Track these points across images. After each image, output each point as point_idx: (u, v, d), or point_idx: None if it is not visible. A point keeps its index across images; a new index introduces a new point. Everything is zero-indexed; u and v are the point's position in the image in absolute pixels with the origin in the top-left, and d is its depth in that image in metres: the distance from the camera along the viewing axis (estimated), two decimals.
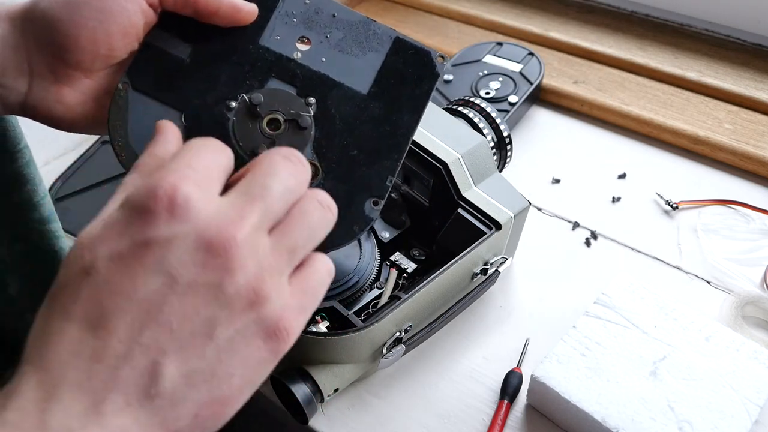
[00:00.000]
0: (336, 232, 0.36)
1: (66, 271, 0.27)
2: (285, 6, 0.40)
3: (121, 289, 0.26)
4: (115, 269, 0.26)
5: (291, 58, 0.40)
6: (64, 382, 0.25)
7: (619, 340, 0.52)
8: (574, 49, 0.89)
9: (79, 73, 0.38)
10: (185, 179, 0.27)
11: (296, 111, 0.39)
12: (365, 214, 0.38)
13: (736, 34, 0.88)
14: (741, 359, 0.50)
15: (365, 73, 0.40)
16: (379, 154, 0.39)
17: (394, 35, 0.41)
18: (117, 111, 0.38)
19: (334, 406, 0.53)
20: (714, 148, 0.75)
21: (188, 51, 0.39)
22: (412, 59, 0.41)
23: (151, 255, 0.26)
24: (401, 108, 0.40)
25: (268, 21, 0.40)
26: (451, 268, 0.52)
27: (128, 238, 0.27)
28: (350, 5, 1.02)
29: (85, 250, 0.27)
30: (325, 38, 0.40)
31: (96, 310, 0.26)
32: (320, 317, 0.50)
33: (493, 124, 0.64)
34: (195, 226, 0.27)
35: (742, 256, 0.64)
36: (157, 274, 0.26)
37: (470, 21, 0.96)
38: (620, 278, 0.56)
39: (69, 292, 0.27)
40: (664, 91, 0.82)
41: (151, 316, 0.26)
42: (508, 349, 0.57)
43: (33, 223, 0.51)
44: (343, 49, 0.40)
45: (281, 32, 0.40)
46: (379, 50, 0.41)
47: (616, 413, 0.47)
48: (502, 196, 0.57)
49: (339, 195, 0.38)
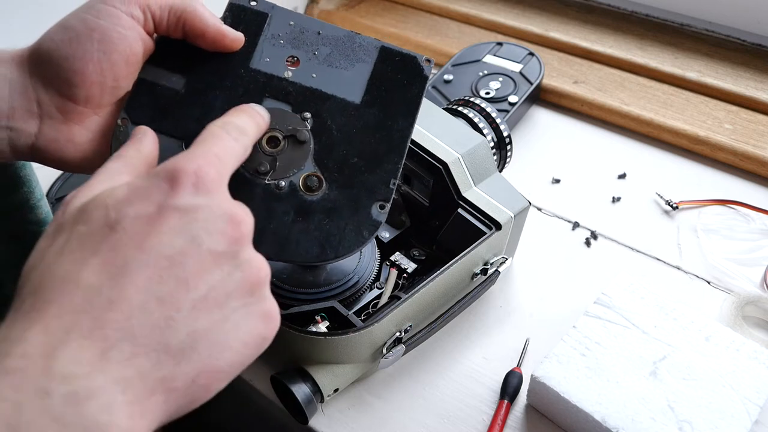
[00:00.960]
0: (346, 238, 0.38)
1: (86, 227, 0.28)
2: (271, 29, 0.42)
3: (146, 245, 0.27)
4: (141, 227, 0.28)
5: (282, 77, 0.41)
6: (75, 328, 0.26)
7: (619, 340, 0.52)
8: (574, 49, 0.89)
9: (88, 109, 0.38)
10: (210, 164, 0.30)
11: (293, 127, 0.40)
12: (373, 218, 0.39)
13: (736, 34, 0.88)
14: (741, 359, 0.50)
15: (356, 83, 0.41)
16: (379, 159, 0.40)
17: (379, 45, 0.42)
18: (118, 145, 0.39)
19: (334, 406, 0.53)
20: (714, 148, 0.75)
21: (182, 83, 0.40)
22: (399, 65, 0.42)
23: (177, 218, 0.28)
24: (395, 113, 0.41)
25: (256, 45, 0.41)
26: (451, 268, 0.52)
27: (156, 203, 0.28)
28: (350, 6, 1.02)
29: (110, 209, 0.28)
30: (313, 55, 0.42)
31: (118, 260, 0.27)
32: (320, 317, 0.50)
33: (493, 124, 0.64)
34: (218, 200, 0.30)
35: (742, 256, 0.64)
36: (181, 235, 0.28)
37: (470, 21, 0.96)
38: (620, 278, 0.56)
39: (89, 244, 0.27)
40: (664, 91, 0.82)
41: (171, 272, 0.28)
42: (508, 349, 0.57)
43: (29, 224, 0.51)
44: (332, 63, 0.42)
45: (270, 54, 0.41)
46: (367, 61, 0.42)
47: (616, 413, 0.47)
48: (502, 196, 0.57)
49: (345, 202, 0.39)
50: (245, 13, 0.42)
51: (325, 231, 0.38)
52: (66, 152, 0.39)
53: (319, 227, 0.38)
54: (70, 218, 0.29)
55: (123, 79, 0.39)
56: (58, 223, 0.30)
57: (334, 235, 0.38)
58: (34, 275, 0.28)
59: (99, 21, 0.37)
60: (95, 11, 0.37)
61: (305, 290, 0.53)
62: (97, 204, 0.29)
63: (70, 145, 0.38)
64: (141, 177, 0.30)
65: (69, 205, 0.30)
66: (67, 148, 0.38)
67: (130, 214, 0.28)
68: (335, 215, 0.39)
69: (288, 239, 0.38)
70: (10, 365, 0.24)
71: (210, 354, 0.28)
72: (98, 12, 0.37)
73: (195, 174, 0.29)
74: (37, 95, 0.37)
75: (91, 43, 0.37)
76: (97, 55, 0.37)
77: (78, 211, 0.29)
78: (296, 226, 0.38)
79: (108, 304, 0.26)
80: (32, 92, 0.37)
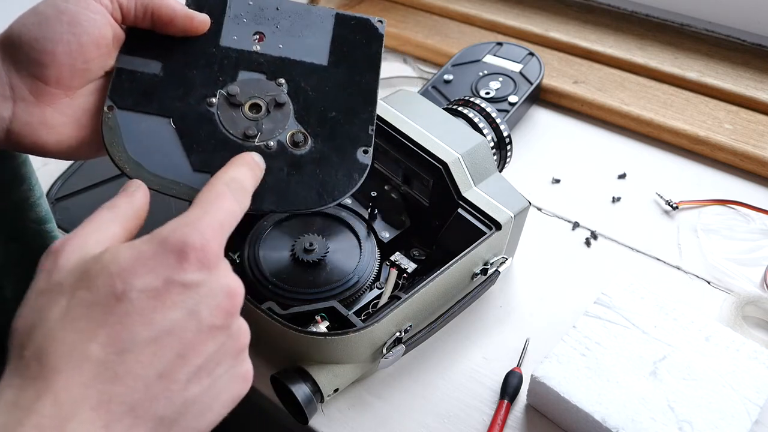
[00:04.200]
0: (340, 182, 0.42)
1: (90, 294, 0.29)
2: (233, 10, 0.45)
3: (152, 320, 0.28)
4: (147, 301, 0.29)
5: (252, 50, 0.44)
6: (83, 401, 0.27)
7: (619, 340, 0.52)
8: (574, 49, 0.89)
9: (60, 90, 0.39)
10: (214, 238, 0.31)
11: (272, 92, 0.43)
12: (360, 161, 0.42)
13: (736, 34, 0.88)
14: (741, 359, 0.50)
15: (320, 48, 0.45)
16: (354, 110, 0.44)
17: (333, 12, 0.47)
18: (109, 131, 0.41)
19: (334, 406, 0.53)
20: (714, 148, 0.75)
21: (159, 67, 0.43)
22: (356, 28, 0.46)
23: (180, 293, 0.29)
24: (360, 69, 0.45)
25: (222, 25, 0.45)
26: (451, 268, 0.52)
27: (162, 277, 0.29)
28: (350, 6, 1.02)
29: (116, 278, 0.29)
30: (276, 28, 0.45)
31: (125, 335, 0.28)
32: (320, 317, 0.50)
33: (493, 124, 0.64)
34: (218, 275, 0.31)
35: (742, 256, 0.64)
36: (182, 310, 0.29)
37: (470, 21, 0.96)
38: (620, 278, 0.56)
39: (96, 315, 0.28)
40: (664, 91, 0.82)
41: (171, 346, 0.29)
42: (508, 349, 0.57)
43: (29, 223, 0.51)
44: (295, 33, 0.46)
45: (236, 32, 0.45)
46: (326, 27, 0.46)
47: (616, 413, 0.47)
48: (502, 196, 0.57)
49: (331, 152, 0.42)
50: None
51: (318, 179, 0.41)
52: (40, 135, 0.39)
53: (312, 176, 0.42)
54: (70, 279, 0.29)
55: (93, 62, 0.40)
56: (53, 281, 0.30)
57: (328, 182, 0.42)
58: (36, 337, 0.28)
59: (68, 5, 0.39)
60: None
61: (305, 290, 0.53)
62: (101, 270, 0.29)
63: (44, 128, 0.39)
64: (146, 243, 0.30)
65: (61, 257, 0.30)
66: (40, 131, 0.39)
67: (137, 286, 0.29)
68: (325, 164, 0.42)
69: (287, 191, 0.41)
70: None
71: (195, 418, 0.30)
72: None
73: (201, 249, 0.30)
74: (10, 79, 0.38)
75: (60, 25, 0.38)
76: (66, 36, 0.38)
77: (79, 273, 0.29)
78: (292, 178, 0.41)
79: (114, 379, 0.27)
80: (5, 76, 0.38)
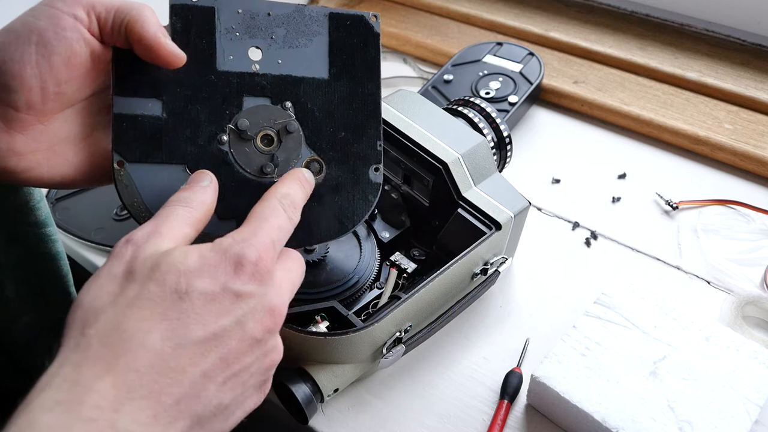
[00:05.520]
0: (357, 206, 0.42)
1: (158, 288, 0.31)
2: (222, 24, 0.41)
3: (206, 321, 0.31)
4: (204, 303, 0.31)
5: (252, 72, 0.41)
6: (137, 388, 0.28)
7: (619, 340, 0.52)
8: (574, 49, 0.89)
9: (31, 116, 0.37)
10: (267, 254, 0.34)
11: (281, 120, 0.41)
12: (372, 181, 0.43)
13: (736, 34, 0.88)
14: (741, 359, 0.50)
15: (319, 58, 0.42)
16: (361, 127, 0.43)
17: (327, 12, 0.43)
18: (125, 189, 0.39)
19: (334, 406, 0.53)
20: (714, 148, 0.75)
21: (159, 106, 0.40)
22: (351, 29, 0.43)
23: (231, 301, 0.32)
24: (361, 78, 0.43)
25: (215, 45, 0.41)
26: (451, 268, 0.52)
27: (220, 283, 0.32)
28: (350, 6, 1.02)
29: (182, 276, 0.31)
30: (272, 40, 0.42)
31: (181, 331, 0.30)
32: (320, 317, 0.50)
33: (493, 124, 0.64)
34: (267, 290, 0.33)
35: (742, 256, 0.64)
36: (231, 317, 0.32)
37: (470, 21, 0.96)
38: (620, 278, 0.56)
39: (159, 308, 0.30)
40: (664, 91, 0.82)
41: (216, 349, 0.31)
42: (508, 349, 0.57)
43: (29, 226, 0.51)
44: (291, 44, 0.42)
45: (231, 50, 0.41)
46: (322, 32, 0.42)
47: (616, 413, 0.47)
48: (502, 196, 0.56)
49: (346, 176, 0.42)
50: (191, 12, 0.40)
51: (337, 206, 0.41)
52: (8, 163, 0.37)
53: (332, 205, 0.41)
54: (144, 270, 0.31)
55: (67, 84, 0.37)
56: (129, 269, 0.32)
57: (346, 207, 0.42)
58: (103, 319, 0.30)
59: (38, 22, 0.36)
60: (36, 12, 0.36)
61: (305, 290, 0.53)
62: (170, 267, 0.31)
63: (13, 156, 0.37)
64: (210, 250, 0.32)
65: (140, 248, 0.32)
66: (9, 159, 0.37)
67: (198, 287, 0.31)
68: (341, 190, 0.42)
69: (310, 225, 0.41)
70: (86, 414, 0.27)
71: (221, 421, 0.32)
72: (38, 13, 0.36)
73: (255, 264, 0.32)
74: None
75: (28, 45, 0.35)
76: (35, 57, 0.35)
77: (151, 266, 0.31)
78: (313, 210, 0.41)
79: (166, 371, 0.29)
80: None
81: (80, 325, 0.30)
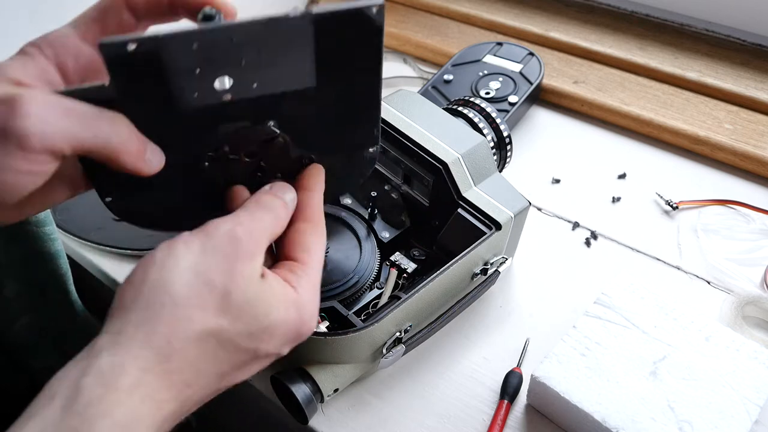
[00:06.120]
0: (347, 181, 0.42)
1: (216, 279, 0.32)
2: (175, 65, 0.32)
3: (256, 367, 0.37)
4: (267, 357, 0.36)
5: (225, 101, 0.35)
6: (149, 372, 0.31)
7: (619, 340, 0.52)
8: (574, 49, 0.89)
9: (10, 211, 0.34)
10: (312, 321, 0.37)
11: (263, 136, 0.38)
12: (367, 159, 0.42)
13: (736, 34, 0.88)
14: (741, 359, 0.50)
15: (303, 68, 0.35)
16: (357, 119, 0.40)
17: (310, 17, 0.33)
18: None
19: (334, 406, 0.53)
20: (714, 148, 0.75)
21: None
22: (345, 28, 0.35)
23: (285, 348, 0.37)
24: (358, 76, 0.37)
25: (171, 89, 0.33)
26: (451, 268, 0.52)
27: (288, 345, 0.37)
28: None
29: (271, 338, 0.35)
30: (241, 65, 0.34)
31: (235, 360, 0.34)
32: (320, 317, 0.50)
33: (493, 124, 0.64)
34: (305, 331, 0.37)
35: (742, 256, 0.64)
36: (275, 355, 0.37)
37: (470, 21, 0.96)
38: (620, 278, 0.56)
39: (211, 303, 0.32)
40: (664, 91, 0.82)
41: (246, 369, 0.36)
42: (508, 349, 0.57)
43: (28, 225, 0.51)
44: (267, 62, 0.34)
45: (193, 88, 0.34)
46: (305, 42, 0.34)
47: (616, 413, 0.47)
48: (502, 196, 0.56)
49: (340, 163, 0.41)
50: (130, 63, 0.31)
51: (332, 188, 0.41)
52: None
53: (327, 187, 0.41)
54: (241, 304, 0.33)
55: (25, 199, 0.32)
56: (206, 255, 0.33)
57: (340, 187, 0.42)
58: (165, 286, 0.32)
59: None
60: None
61: None
62: (275, 331, 0.35)
63: None
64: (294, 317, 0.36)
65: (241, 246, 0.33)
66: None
67: (271, 350, 0.36)
68: (336, 173, 0.41)
69: None
70: None
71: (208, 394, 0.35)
72: None
73: (308, 324, 0.36)
74: None
75: None
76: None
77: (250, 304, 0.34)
78: None
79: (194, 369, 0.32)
80: None
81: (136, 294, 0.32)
